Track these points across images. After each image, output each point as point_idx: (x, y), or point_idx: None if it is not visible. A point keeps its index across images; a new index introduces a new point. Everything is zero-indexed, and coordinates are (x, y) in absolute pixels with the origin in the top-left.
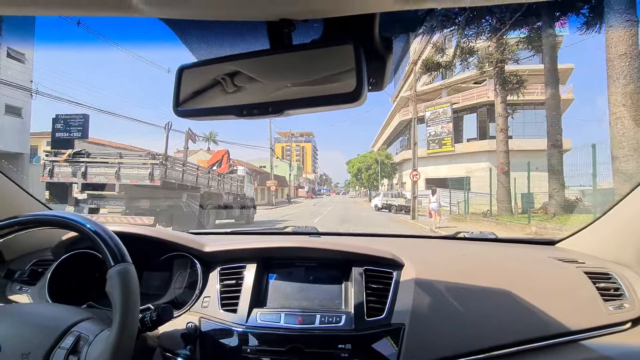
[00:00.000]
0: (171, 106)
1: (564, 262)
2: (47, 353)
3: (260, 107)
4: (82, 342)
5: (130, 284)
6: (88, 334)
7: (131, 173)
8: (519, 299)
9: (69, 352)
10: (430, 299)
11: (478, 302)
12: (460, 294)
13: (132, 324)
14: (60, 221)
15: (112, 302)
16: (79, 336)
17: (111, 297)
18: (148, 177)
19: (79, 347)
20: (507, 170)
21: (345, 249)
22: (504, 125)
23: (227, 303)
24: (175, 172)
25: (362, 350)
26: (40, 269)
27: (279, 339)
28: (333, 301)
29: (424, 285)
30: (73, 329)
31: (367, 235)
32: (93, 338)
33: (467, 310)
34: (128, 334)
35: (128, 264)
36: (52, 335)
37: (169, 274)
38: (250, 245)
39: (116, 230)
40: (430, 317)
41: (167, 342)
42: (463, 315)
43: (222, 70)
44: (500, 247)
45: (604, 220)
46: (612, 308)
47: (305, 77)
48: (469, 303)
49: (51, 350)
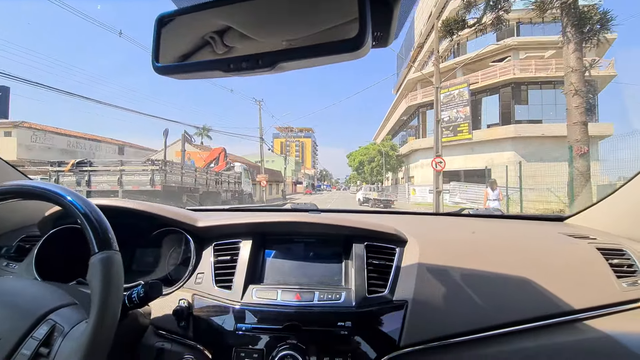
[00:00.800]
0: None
1: (575, 238)
2: (18, 341)
3: (250, 59)
4: (57, 334)
5: (112, 275)
6: (63, 325)
7: (133, 179)
8: (529, 276)
9: (41, 343)
10: (434, 275)
11: (485, 278)
12: (466, 270)
13: (111, 320)
14: (42, 193)
15: (91, 292)
16: (54, 326)
17: (90, 287)
18: (149, 182)
19: (52, 339)
20: (587, 151)
21: (347, 224)
22: (579, 83)
23: (222, 279)
24: (175, 176)
25: (363, 327)
26: (28, 245)
27: (275, 316)
28: (333, 278)
29: (428, 261)
30: (49, 317)
31: (370, 212)
32: (69, 330)
33: (473, 286)
34: (105, 331)
35: (114, 252)
36: (26, 321)
37: (163, 250)
38: (245, 220)
39: (107, 204)
40: (434, 293)
41: (160, 320)
42: (469, 292)
43: (208, 23)
44: (508, 224)
45: (616, 197)
46: (626, 285)
47: (303, 29)
48: (476, 279)
49: (23, 338)
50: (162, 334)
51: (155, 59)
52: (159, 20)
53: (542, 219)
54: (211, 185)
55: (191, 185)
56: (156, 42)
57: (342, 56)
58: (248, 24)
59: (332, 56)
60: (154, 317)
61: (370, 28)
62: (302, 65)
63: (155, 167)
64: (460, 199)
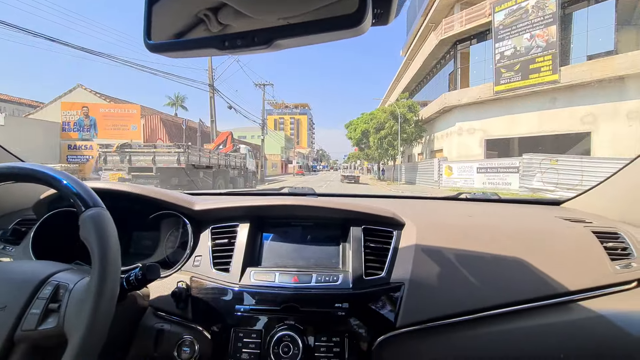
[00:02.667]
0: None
1: (571, 222)
2: (25, 304)
3: (245, 36)
4: (62, 291)
5: (105, 227)
6: (67, 282)
7: (163, 159)
8: (525, 258)
9: (49, 300)
10: (431, 257)
11: (481, 260)
12: (462, 252)
13: (114, 264)
14: (35, 175)
15: (89, 248)
16: (58, 285)
17: (87, 243)
18: (176, 161)
19: (59, 295)
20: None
21: (344, 207)
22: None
23: (220, 262)
24: (194, 157)
25: (359, 309)
26: (24, 228)
27: (273, 298)
28: (330, 260)
29: (425, 244)
30: (51, 279)
31: (367, 196)
32: (73, 286)
33: (469, 268)
34: (111, 277)
35: (101, 208)
36: (28, 286)
37: (161, 233)
38: (243, 204)
39: (102, 187)
40: (431, 275)
41: (158, 302)
42: (465, 275)
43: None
44: (505, 207)
45: (612, 182)
46: (619, 267)
47: (300, 5)
48: (472, 261)
49: (29, 301)
50: (161, 315)
51: (147, 36)
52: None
53: (538, 203)
54: (221, 164)
55: (206, 163)
56: (147, 19)
57: (341, 33)
58: (242, 3)
59: (330, 33)
60: (153, 299)
61: (370, 4)
62: (300, 43)
63: (180, 150)
64: (544, 184)
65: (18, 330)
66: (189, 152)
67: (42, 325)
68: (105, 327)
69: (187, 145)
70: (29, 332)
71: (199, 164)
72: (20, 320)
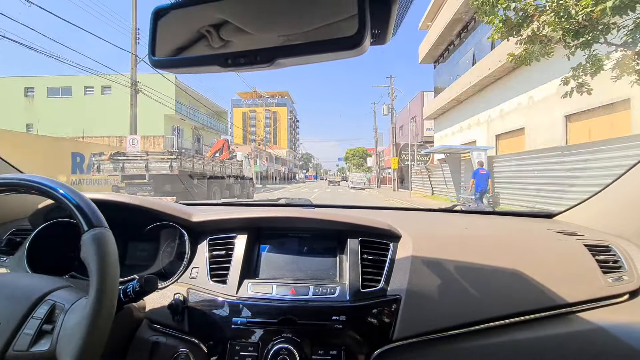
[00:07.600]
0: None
1: (564, 235)
2: (19, 323)
3: (248, 55)
4: (58, 311)
5: (106, 249)
6: (63, 302)
7: (156, 166)
8: (518, 271)
9: (43, 321)
10: (427, 270)
11: (476, 273)
12: (458, 265)
13: (111, 290)
14: (27, 184)
15: (88, 269)
16: (54, 305)
17: (87, 264)
18: (168, 168)
19: (54, 316)
20: None
21: (341, 220)
22: None
23: (217, 274)
24: (188, 163)
25: (357, 321)
26: (19, 238)
27: (270, 311)
28: (327, 272)
29: (421, 256)
30: (47, 298)
31: (363, 208)
32: (69, 306)
33: (465, 281)
34: (107, 301)
35: (104, 229)
36: (24, 304)
37: (157, 244)
38: (240, 215)
39: (99, 197)
40: (427, 288)
41: (154, 314)
42: (461, 287)
43: (205, 17)
44: (499, 220)
45: (603, 195)
46: (611, 280)
47: (301, 24)
48: (467, 274)
49: (23, 320)
50: (156, 328)
51: (152, 52)
52: (155, 13)
53: (531, 215)
54: (217, 171)
55: (200, 170)
56: (152, 36)
57: (341, 54)
58: (245, 18)
59: (330, 53)
60: (149, 311)
61: (370, 25)
62: (301, 62)
63: (172, 157)
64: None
65: (10, 349)
66: (181, 158)
67: (34, 347)
68: (97, 354)
69: (180, 152)
70: (20, 352)
71: (193, 170)
72: (13, 339)
